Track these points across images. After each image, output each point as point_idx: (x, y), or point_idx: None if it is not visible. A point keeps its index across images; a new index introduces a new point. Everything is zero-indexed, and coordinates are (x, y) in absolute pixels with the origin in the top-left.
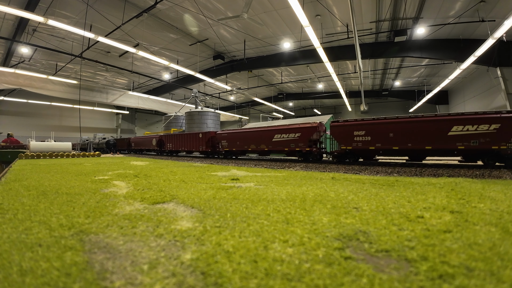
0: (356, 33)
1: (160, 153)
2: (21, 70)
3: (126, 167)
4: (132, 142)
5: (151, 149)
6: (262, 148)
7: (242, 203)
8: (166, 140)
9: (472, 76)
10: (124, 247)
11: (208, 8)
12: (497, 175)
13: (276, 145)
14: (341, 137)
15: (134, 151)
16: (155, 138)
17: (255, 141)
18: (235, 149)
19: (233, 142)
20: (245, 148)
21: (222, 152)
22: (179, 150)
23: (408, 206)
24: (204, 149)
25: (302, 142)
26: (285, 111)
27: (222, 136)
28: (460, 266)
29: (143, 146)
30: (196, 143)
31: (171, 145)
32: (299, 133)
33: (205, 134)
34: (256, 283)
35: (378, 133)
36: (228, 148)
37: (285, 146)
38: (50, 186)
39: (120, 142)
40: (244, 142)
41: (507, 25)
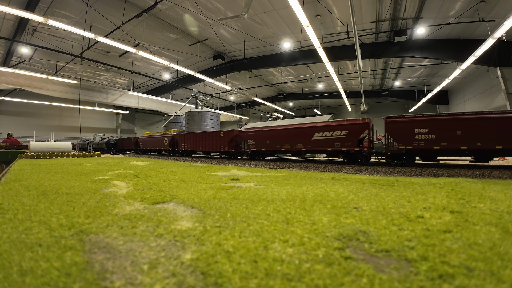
0: (356, 33)
1: (173, 153)
2: (21, 70)
3: (126, 167)
4: (140, 142)
5: (162, 149)
6: (299, 148)
7: (242, 203)
8: (180, 140)
9: (472, 76)
10: (124, 247)
11: (208, 8)
12: (497, 175)
13: (316, 144)
14: (398, 135)
15: (143, 151)
16: (167, 137)
17: (290, 140)
18: (265, 149)
19: (262, 141)
20: (277, 148)
21: (248, 153)
22: (195, 150)
23: (408, 206)
24: (226, 149)
25: (349, 141)
26: (285, 111)
27: (248, 135)
28: (460, 266)
29: (153, 146)
30: (216, 143)
31: (186, 145)
32: (346, 130)
33: (228, 133)
34: (256, 283)
35: (444, 130)
36: (256, 148)
37: (328, 145)
38: (50, 186)
39: (126, 142)
40: (275, 141)
41: (507, 25)
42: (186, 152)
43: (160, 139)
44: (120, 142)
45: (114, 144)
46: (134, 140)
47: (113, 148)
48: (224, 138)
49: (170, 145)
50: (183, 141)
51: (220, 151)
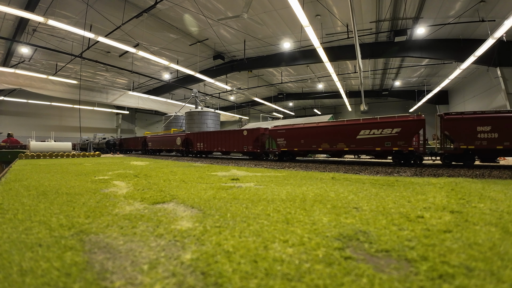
0: (356, 33)
1: (186, 154)
2: (21, 70)
3: (126, 167)
4: (148, 142)
5: (174, 149)
6: (340, 147)
7: (242, 203)
8: (195, 139)
9: (472, 76)
10: (124, 247)
11: (208, 8)
12: (497, 175)
13: (362, 143)
14: (459, 134)
15: (151, 152)
16: (179, 136)
17: (329, 138)
18: (298, 149)
19: (294, 140)
20: (313, 148)
21: (277, 153)
22: (213, 150)
23: (408, 206)
24: (250, 149)
25: (402, 139)
26: (285, 111)
27: (278, 133)
28: (460, 266)
29: (163, 146)
30: (238, 142)
31: (202, 145)
32: (398, 128)
33: (253, 131)
34: (256, 283)
35: (508, 129)
36: (287, 148)
37: (376, 145)
38: (50, 186)
39: (132, 141)
40: (311, 140)
41: (507, 25)
42: (201, 153)
43: (172, 138)
44: (126, 142)
45: (114, 144)
46: (141, 139)
47: (113, 148)
48: (248, 137)
49: (184, 145)
50: (198, 141)
51: (243, 151)
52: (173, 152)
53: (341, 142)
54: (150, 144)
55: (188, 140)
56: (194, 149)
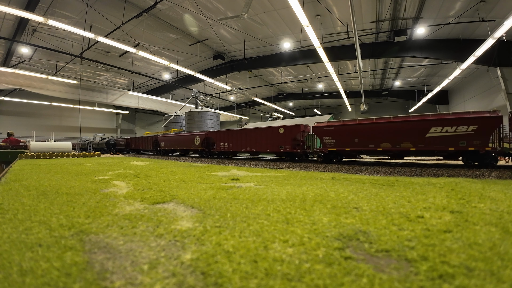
0: (356, 33)
1: (206, 155)
2: (21, 70)
3: (126, 167)
4: (161, 141)
5: (192, 149)
6: (405, 147)
7: (242, 203)
8: (218, 138)
9: (472, 76)
10: (124, 247)
11: (208, 8)
12: (497, 175)
13: (432, 142)
14: None
15: (164, 152)
16: (198, 135)
17: (392, 136)
18: (350, 149)
19: (345, 138)
20: (370, 147)
21: (321, 153)
22: (239, 151)
23: (408, 206)
24: (288, 149)
25: (479, 138)
26: (285, 111)
27: (324, 131)
28: (460, 266)
29: (178, 146)
30: (273, 141)
31: (226, 145)
32: (474, 125)
33: (291, 129)
34: (256, 283)
35: None
36: (336, 148)
37: (449, 144)
38: (50, 186)
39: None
40: (368, 139)
41: (507, 25)
42: (225, 154)
43: (189, 138)
44: (134, 141)
45: (114, 144)
46: (152, 139)
47: (113, 148)
48: (285, 135)
49: (204, 144)
50: (222, 140)
51: (278, 151)
52: (189, 152)
53: (406, 141)
54: (162, 144)
55: (209, 139)
56: (216, 149)
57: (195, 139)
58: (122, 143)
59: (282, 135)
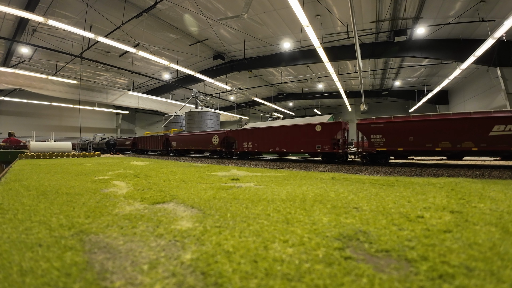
0: (356, 33)
1: (225, 155)
2: (21, 70)
3: (126, 167)
4: (172, 141)
5: (210, 150)
6: (466, 147)
7: (242, 203)
8: (240, 137)
9: (472, 76)
10: (124, 247)
11: (208, 8)
12: (497, 175)
13: (496, 141)
14: None
15: (176, 152)
16: (217, 134)
17: (452, 135)
18: (403, 149)
19: (398, 137)
20: (428, 147)
21: (364, 153)
22: (266, 151)
23: (408, 206)
24: (327, 149)
25: None
26: (285, 111)
27: (371, 128)
28: (460, 266)
29: (194, 146)
30: (307, 141)
31: (251, 145)
32: None
33: (330, 126)
34: (256, 283)
35: None
36: (386, 147)
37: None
38: (50, 186)
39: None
40: (426, 137)
41: (507, 25)
42: (248, 154)
43: (206, 137)
44: (141, 141)
45: (114, 144)
46: (162, 139)
47: (113, 148)
48: (323, 133)
49: (223, 144)
50: (245, 139)
51: (314, 151)
52: (206, 153)
53: (467, 140)
54: (174, 143)
55: (229, 138)
56: (238, 149)
57: (213, 139)
58: (128, 143)
59: (319, 134)
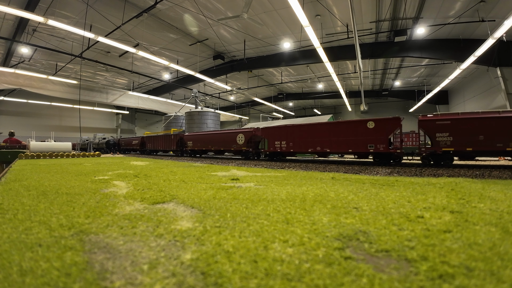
0: (356, 33)
1: (253, 156)
2: (21, 70)
3: (126, 167)
4: (188, 140)
5: (233, 150)
6: None
7: (242, 203)
8: (271, 136)
9: (472, 76)
10: (124, 247)
11: (208, 8)
12: (497, 175)
13: None
14: None
15: (192, 153)
16: (243, 133)
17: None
18: (473, 148)
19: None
20: (498, 146)
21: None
22: (306, 151)
23: (408, 206)
24: (382, 149)
25: None
26: (285, 111)
27: (437, 126)
28: (460, 266)
29: (214, 146)
30: (357, 139)
31: (284, 144)
32: None
33: (386, 123)
34: (256, 283)
35: None
36: (454, 147)
37: None
38: (50, 186)
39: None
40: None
41: (507, 25)
42: (281, 154)
43: (230, 136)
44: (151, 141)
45: (114, 144)
46: (175, 138)
47: (113, 148)
48: (377, 130)
49: (250, 144)
50: (277, 138)
51: (366, 151)
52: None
53: None
54: (190, 143)
55: (257, 137)
56: (269, 149)
57: (237, 138)
58: (135, 143)
59: (372, 131)
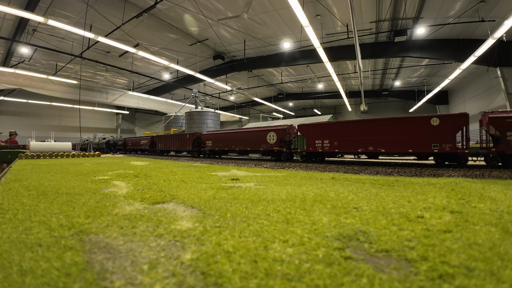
0: (356, 33)
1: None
2: (21, 70)
3: (126, 167)
4: (206, 140)
5: (262, 150)
6: None
7: (242, 203)
8: (310, 135)
9: (472, 76)
10: (124, 247)
11: (208, 8)
12: (497, 175)
13: None
14: None
15: (211, 154)
16: (274, 131)
17: None
18: None
19: None
20: None
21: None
22: (355, 151)
23: (408, 206)
24: (448, 149)
25: None
26: (285, 111)
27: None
28: (460, 266)
29: (240, 146)
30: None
31: (328, 143)
32: None
33: (454, 119)
34: (256, 283)
35: None
36: None
37: None
38: (50, 186)
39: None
40: None
41: (507, 25)
42: (322, 155)
43: (258, 135)
44: (162, 141)
45: (114, 144)
46: (191, 137)
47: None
48: (442, 128)
49: (283, 143)
50: (317, 137)
51: (429, 151)
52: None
53: None
54: (209, 143)
55: (291, 135)
56: (308, 149)
57: (268, 136)
58: (144, 143)
59: (436, 129)
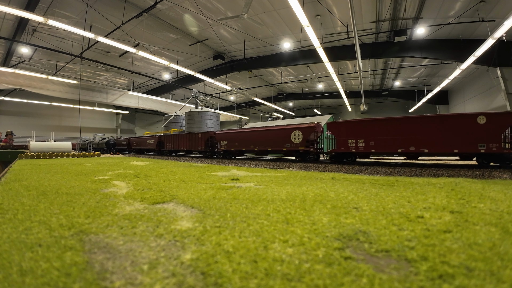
0: (356, 33)
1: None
2: (21, 70)
3: (126, 167)
4: (220, 140)
5: (285, 150)
6: None
7: (242, 203)
8: (343, 133)
9: (472, 76)
10: (124, 247)
11: (208, 8)
12: (497, 175)
13: None
14: None
15: (225, 154)
16: (299, 130)
17: None
18: None
19: None
20: None
21: None
22: (394, 151)
23: (408, 206)
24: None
25: None
26: (285, 111)
27: None
28: (460, 266)
29: (259, 146)
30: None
31: (363, 142)
32: None
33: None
34: (256, 283)
35: None
36: None
37: None
38: (50, 186)
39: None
40: None
41: (507, 25)
42: (353, 155)
43: (281, 133)
44: (171, 140)
45: (114, 144)
46: (204, 137)
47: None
48: (489, 127)
49: (309, 143)
50: (352, 135)
51: (477, 151)
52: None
53: None
54: (224, 143)
55: (317, 134)
56: (339, 148)
57: (292, 135)
58: (150, 143)
59: (483, 128)
